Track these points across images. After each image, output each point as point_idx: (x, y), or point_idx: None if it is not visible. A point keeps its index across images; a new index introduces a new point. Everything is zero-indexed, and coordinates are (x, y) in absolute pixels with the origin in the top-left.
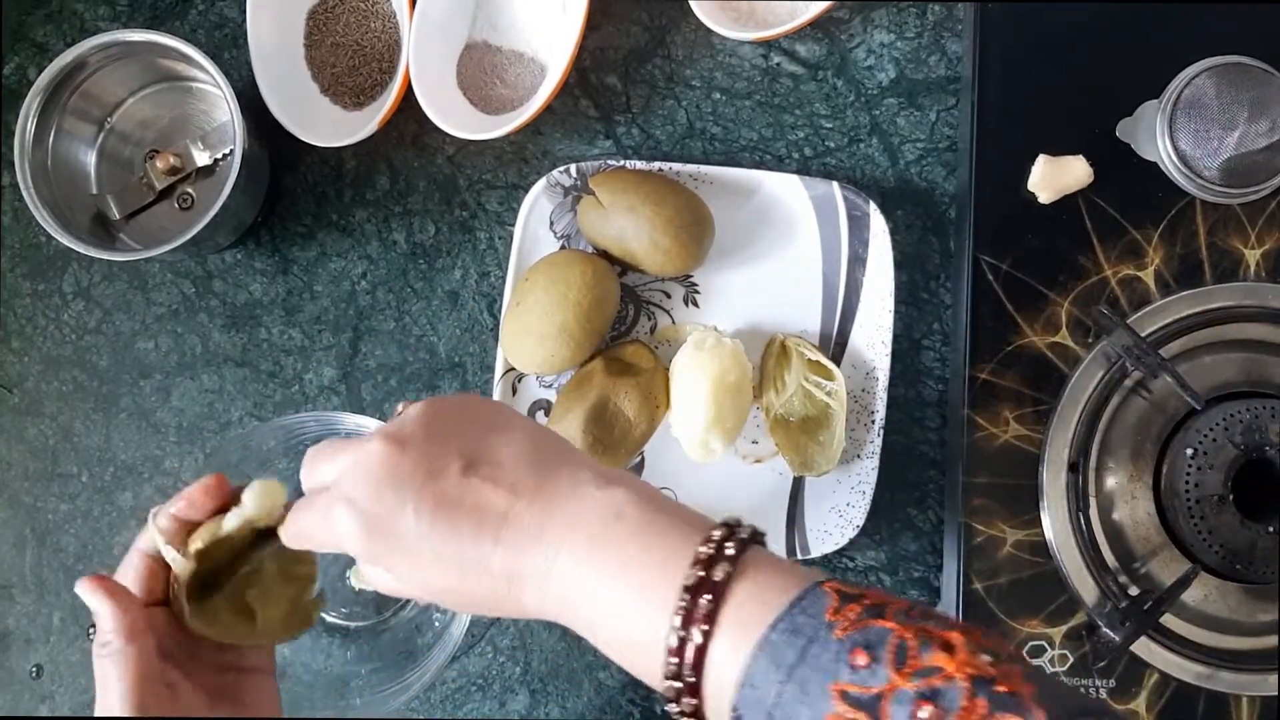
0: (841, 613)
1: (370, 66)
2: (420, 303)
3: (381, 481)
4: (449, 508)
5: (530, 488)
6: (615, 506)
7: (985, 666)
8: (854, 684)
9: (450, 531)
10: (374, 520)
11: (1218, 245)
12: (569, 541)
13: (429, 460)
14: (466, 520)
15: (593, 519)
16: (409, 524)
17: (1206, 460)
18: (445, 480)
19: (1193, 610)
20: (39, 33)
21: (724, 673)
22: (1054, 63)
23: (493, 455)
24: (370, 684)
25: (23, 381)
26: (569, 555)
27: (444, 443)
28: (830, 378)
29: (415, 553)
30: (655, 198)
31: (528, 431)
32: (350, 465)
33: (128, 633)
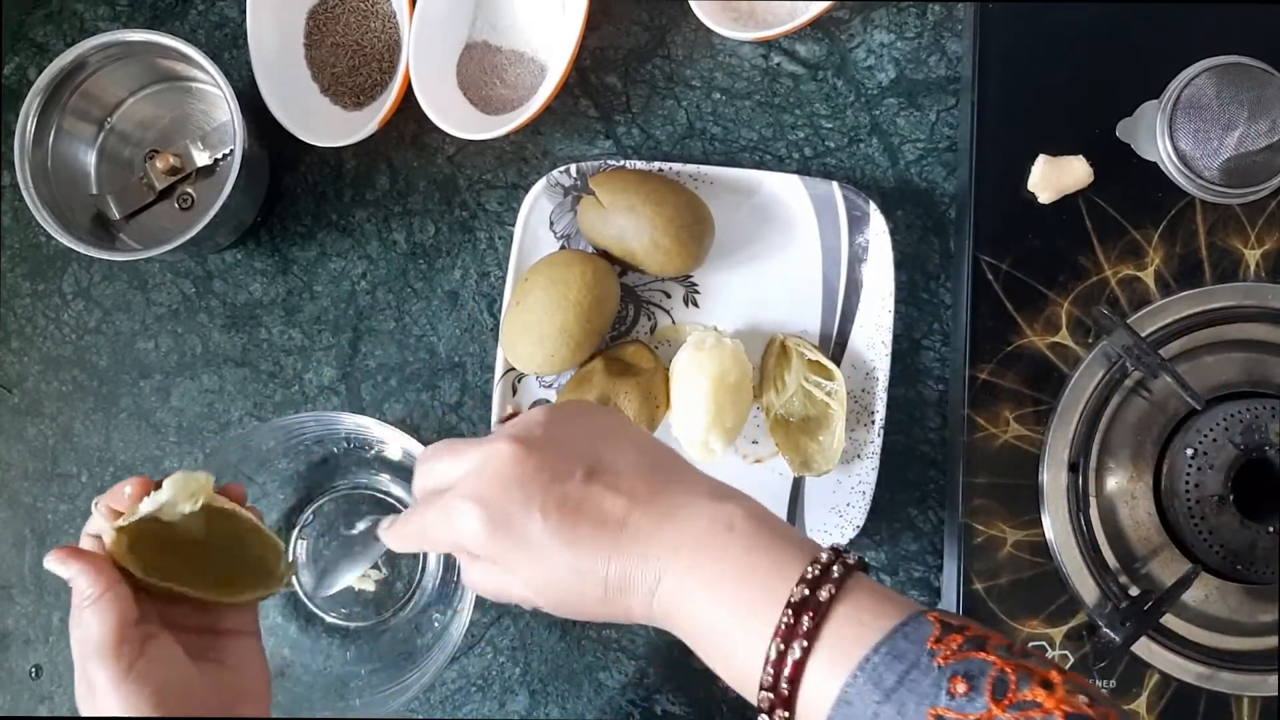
0: (943, 641)
1: (370, 66)
2: (420, 303)
3: (510, 480)
4: (573, 511)
5: (646, 496)
6: (727, 519)
7: (1082, 706)
8: (951, 710)
9: (572, 534)
10: (501, 517)
11: (1218, 245)
12: (681, 551)
13: (555, 463)
14: (588, 524)
15: (704, 529)
16: (535, 524)
17: (1206, 460)
18: (569, 484)
19: (1193, 610)
20: (39, 33)
21: (820, 690)
22: (1054, 63)
23: (613, 463)
24: (370, 684)
25: (23, 381)
26: (679, 564)
27: (568, 448)
28: (830, 378)
29: (536, 553)
30: (655, 198)
31: (645, 441)
32: (478, 463)
33: (105, 583)
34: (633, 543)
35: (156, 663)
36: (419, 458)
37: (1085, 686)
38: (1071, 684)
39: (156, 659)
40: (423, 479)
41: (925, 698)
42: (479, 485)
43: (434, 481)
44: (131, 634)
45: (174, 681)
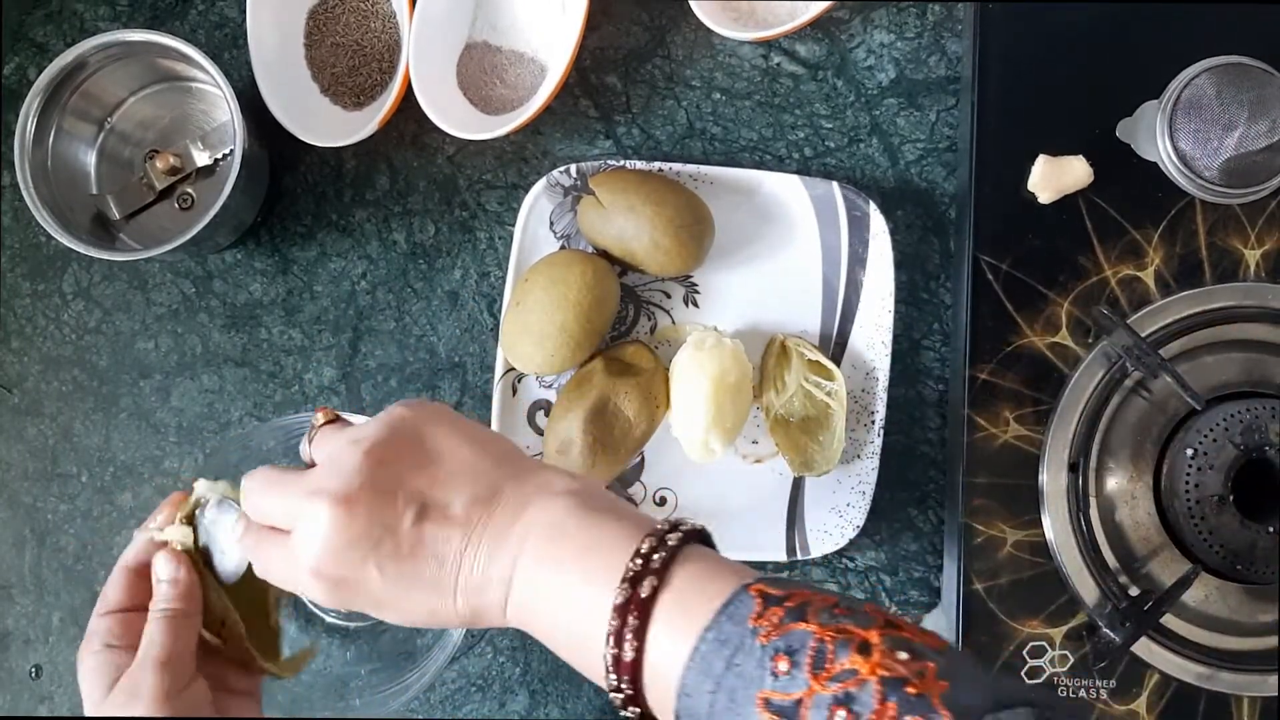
0: (764, 617)
1: (370, 66)
2: (420, 303)
3: (338, 547)
4: (409, 560)
5: (481, 519)
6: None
7: (898, 667)
8: (776, 691)
9: (415, 578)
10: (340, 583)
11: (1218, 245)
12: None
13: (380, 516)
14: (427, 566)
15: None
16: (374, 580)
17: (1206, 460)
18: (400, 533)
19: (1193, 611)
20: (39, 33)
21: (665, 681)
22: (1054, 63)
23: (440, 495)
24: (370, 684)
25: (23, 381)
26: (521, 571)
27: (390, 493)
28: (830, 378)
29: (385, 600)
30: (655, 198)
31: (469, 446)
32: (305, 535)
33: (195, 605)
34: (474, 562)
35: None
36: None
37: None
38: (891, 639)
39: (199, 694)
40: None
41: (752, 682)
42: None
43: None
44: (192, 662)
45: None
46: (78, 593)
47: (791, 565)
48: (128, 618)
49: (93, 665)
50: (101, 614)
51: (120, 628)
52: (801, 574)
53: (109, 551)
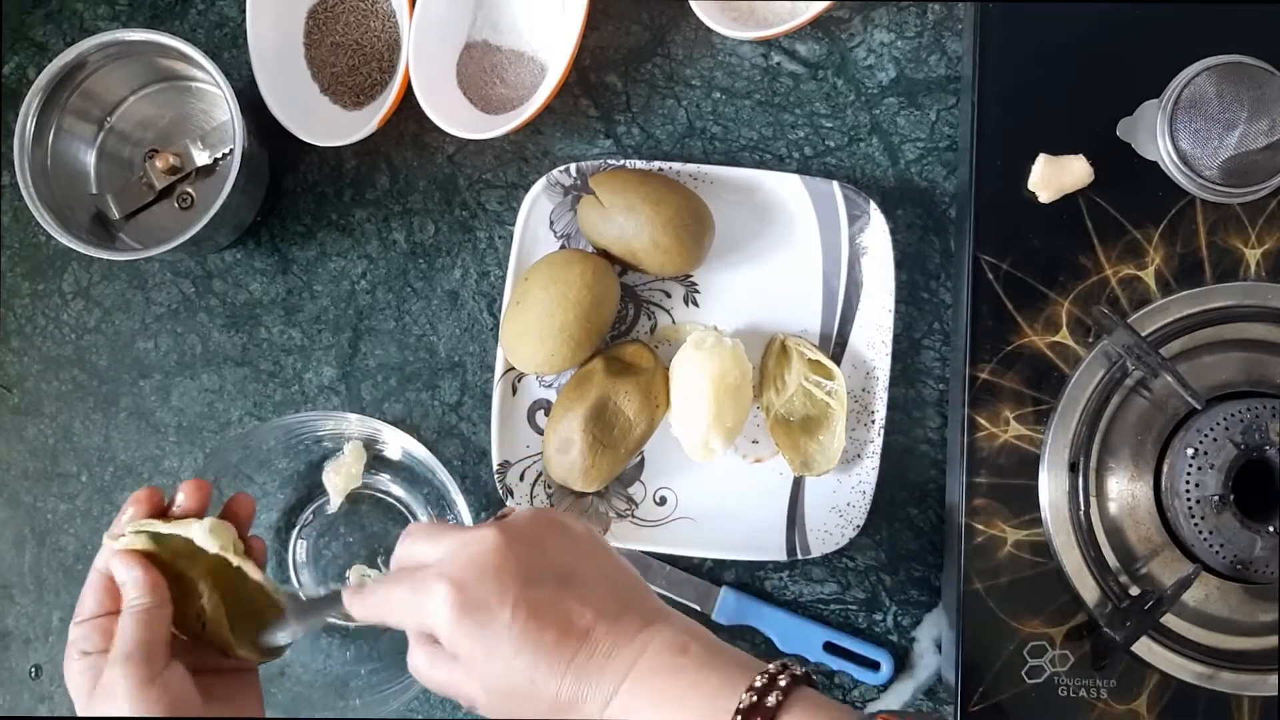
0: None
1: (370, 66)
2: (420, 302)
3: (488, 570)
4: (542, 614)
5: (612, 614)
6: (682, 644)
7: None
8: None
9: (538, 638)
10: (472, 603)
11: (1218, 245)
12: (636, 670)
13: (534, 564)
14: (554, 632)
15: (659, 651)
16: (504, 618)
17: (1207, 460)
18: (544, 588)
19: (1193, 610)
20: (39, 32)
21: None
22: (1054, 63)
23: (585, 577)
24: (370, 684)
25: (22, 381)
26: (631, 682)
27: (548, 554)
28: (830, 377)
29: (495, 647)
30: (655, 197)
31: (614, 562)
32: (459, 547)
33: (159, 598)
34: (590, 658)
35: (174, 681)
36: (403, 533)
37: None
38: None
39: (175, 678)
40: (402, 556)
41: None
42: (456, 568)
43: (413, 559)
44: (163, 650)
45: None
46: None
47: (791, 565)
48: (101, 623)
49: (75, 671)
50: (77, 622)
51: (95, 633)
52: (802, 573)
53: None
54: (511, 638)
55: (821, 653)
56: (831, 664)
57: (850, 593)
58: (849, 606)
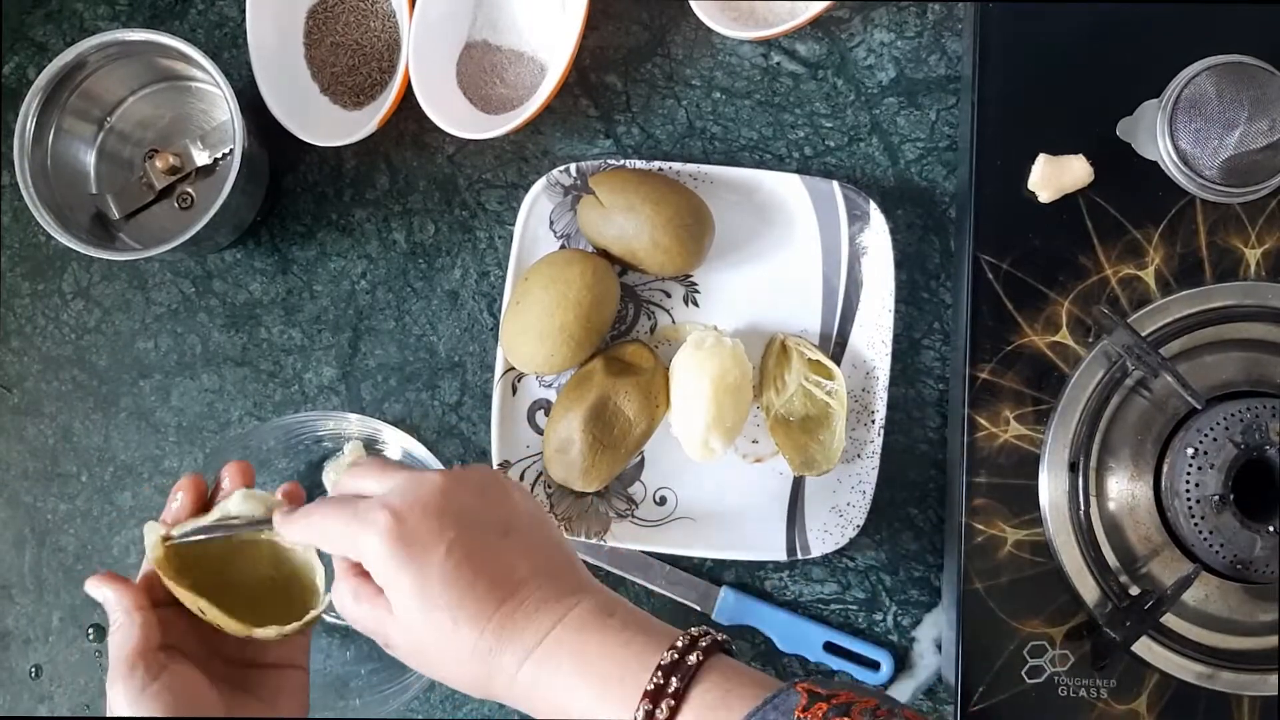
0: (810, 710)
1: (370, 66)
2: (420, 302)
3: (431, 508)
4: (476, 559)
5: (545, 572)
6: (609, 607)
7: None
8: None
9: (470, 579)
10: (409, 535)
11: (1218, 244)
12: (561, 624)
13: (476, 513)
14: (485, 578)
15: (587, 611)
16: (438, 556)
17: (1207, 460)
18: (485, 534)
19: (1193, 610)
20: (39, 32)
21: None
22: (1054, 63)
23: (524, 535)
24: (370, 684)
25: (22, 381)
26: (554, 637)
27: (493, 504)
28: (830, 377)
29: (425, 584)
30: (655, 197)
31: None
32: (404, 483)
33: (128, 608)
34: (517, 608)
35: (172, 687)
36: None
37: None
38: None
39: (173, 684)
40: (345, 485)
41: None
42: (399, 501)
43: (356, 490)
44: (151, 658)
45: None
46: (78, 593)
47: (791, 565)
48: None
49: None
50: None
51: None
52: (802, 573)
53: (109, 551)
54: (442, 575)
55: (821, 653)
56: (832, 664)
57: (850, 593)
58: (849, 606)
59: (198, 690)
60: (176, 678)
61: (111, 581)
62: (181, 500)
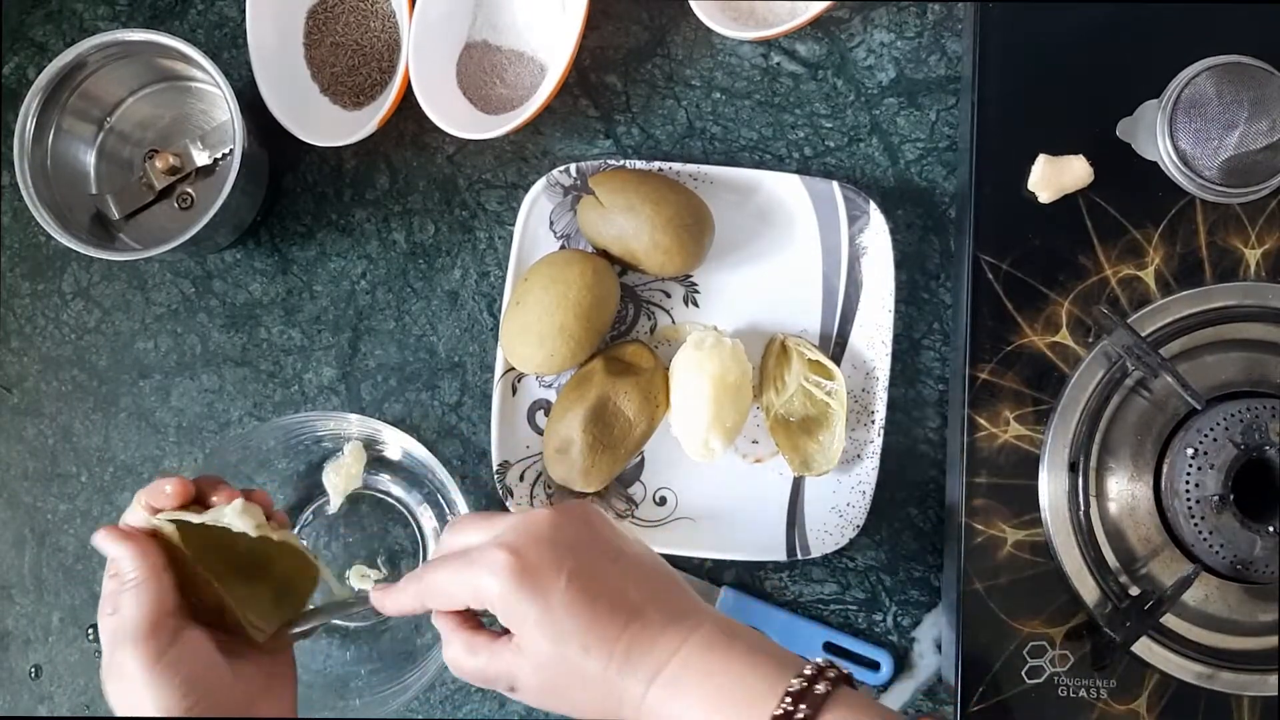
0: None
1: (370, 66)
2: (420, 302)
3: (544, 540)
4: (596, 586)
5: (661, 596)
6: (730, 629)
7: None
8: None
9: (590, 607)
10: (529, 569)
11: (1218, 245)
12: (686, 644)
13: (587, 541)
14: (606, 604)
15: (708, 633)
16: (559, 586)
17: (1207, 460)
18: (599, 561)
19: (1193, 610)
20: (39, 32)
21: None
22: (1054, 63)
23: (635, 560)
24: (370, 684)
25: (22, 381)
26: (682, 658)
27: (601, 534)
28: (830, 377)
29: (548, 616)
30: (655, 197)
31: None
32: (514, 523)
33: (150, 568)
34: (643, 629)
35: (188, 654)
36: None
37: None
38: None
39: (188, 650)
40: (450, 542)
41: None
42: (514, 538)
43: (462, 544)
44: (168, 623)
45: (204, 674)
46: (78, 593)
47: (791, 565)
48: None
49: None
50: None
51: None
52: (802, 573)
53: None
54: (566, 603)
55: (821, 653)
56: None
57: (850, 593)
58: (849, 606)
59: (209, 657)
60: (189, 645)
61: (130, 538)
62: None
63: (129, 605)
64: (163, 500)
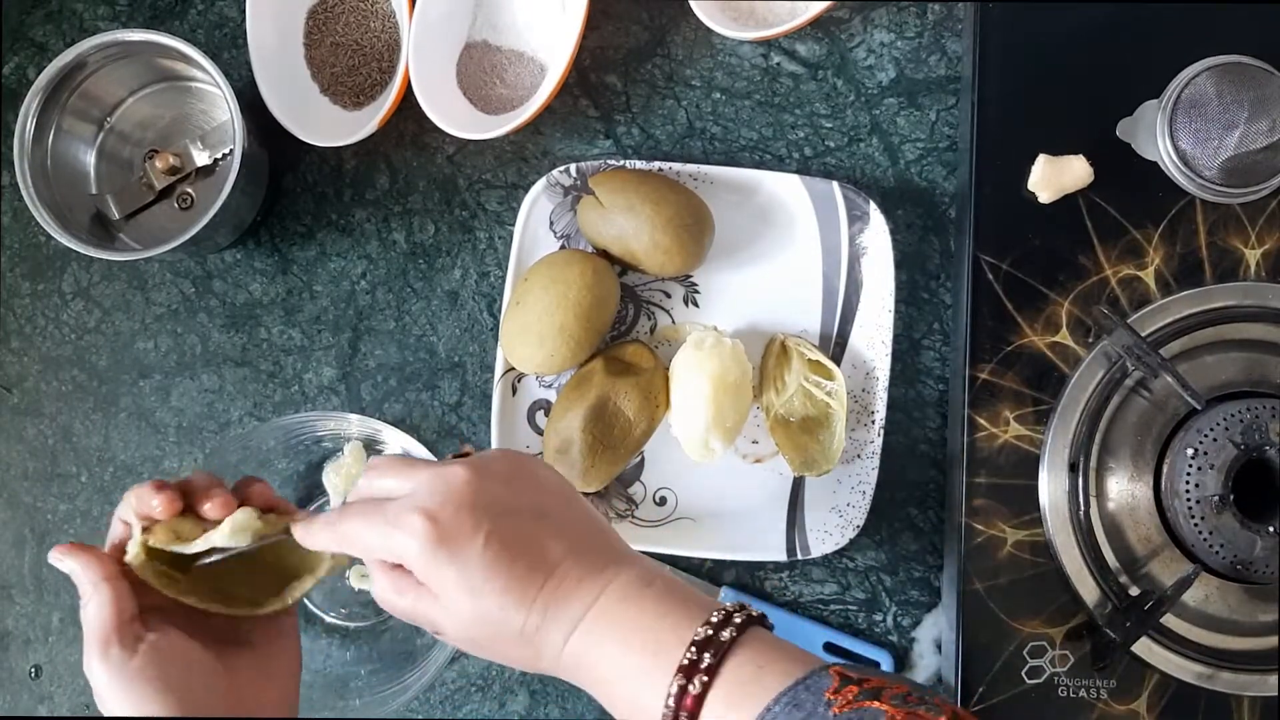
0: (841, 692)
1: (370, 66)
2: (420, 302)
3: (462, 503)
4: (514, 545)
5: (581, 549)
6: (646, 578)
7: None
8: None
9: (509, 566)
10: (446, 535)
11: (1218, 245)
12: (601, 601)
13: (506, 500)
14: (524, 563)
15: (625, 584)
16: (476, 548)
17: (1207, 460)
18: (519, 520)
19: (1193, 610)
20: (39, 32)
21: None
22: (1054, 62)
23: (556, 514)
24: (370, 684)
25: (22, 381)
26: (596, 612)
27: (522, 490)
28: (830, 378)
29: (467, 577)
30: (655, 197)
31: (585, 506)
32: (430, 480)
33: (95, 579)
34: (558, 586)
35: (157, 658)
36: (366, 467)
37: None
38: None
39: (157, 655)
40: (366, 488)
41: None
42: (430, 501)
43: (380, 492)
44: (124, 630)
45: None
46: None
47: (791, 565)
48: None
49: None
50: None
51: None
52: (802, 573)
53: None
54: (483, 566)
55: (821, 653)
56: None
57: (850, 593)
58: (849, 607)
59: (186, 655)
60: (158, 648)
61: (77, 552)
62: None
63: (88, 618)
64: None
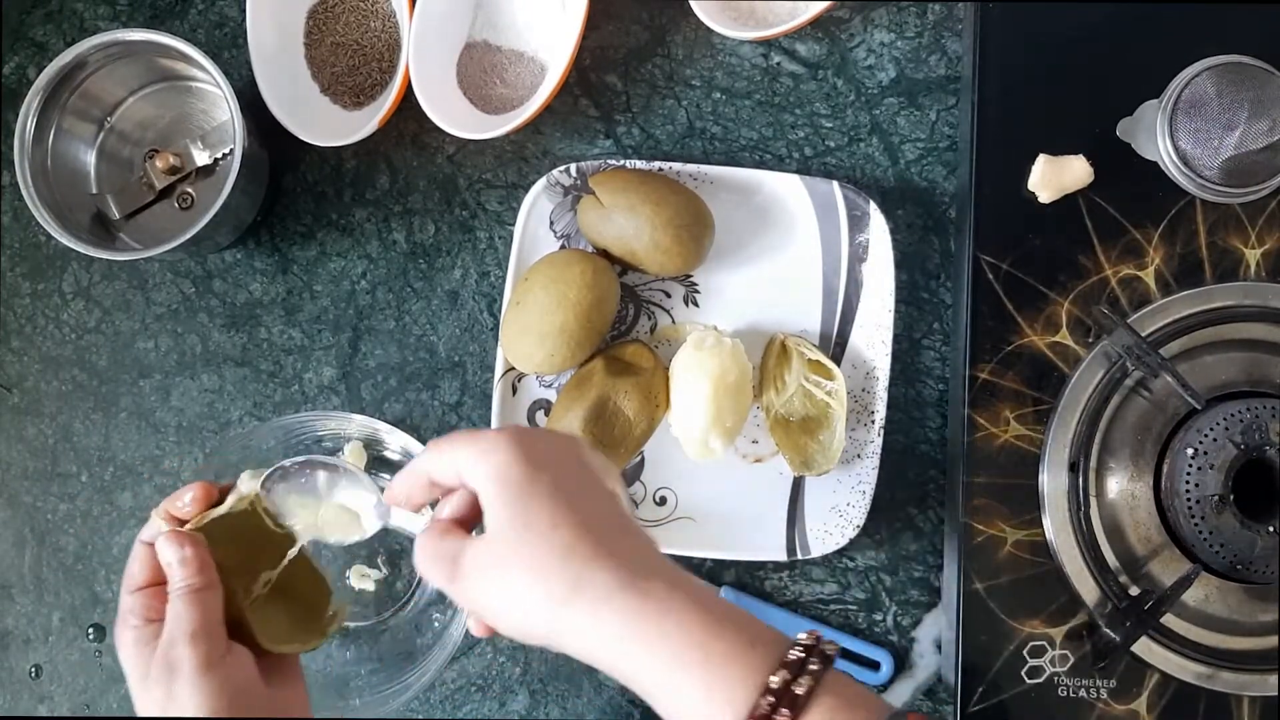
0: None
1: (370, 66)
2: (420, 302)
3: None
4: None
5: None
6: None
7: None
8: None
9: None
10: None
11: (1218, 245)
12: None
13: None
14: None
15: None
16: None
17: (1207, 460)
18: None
19: (1193, 610)
20: (39, 32)
21: None
22: (1054, 63)
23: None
24: (370, 684)
25: (22, 381)
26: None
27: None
28: (830, 377)
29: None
30: (655, 197)
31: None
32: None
33: (209, 579)
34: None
35: (238, 665)
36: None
37: None
38: None
39: (238, 662)
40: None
41: None
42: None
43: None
44: (221, 631)
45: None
46: (78, 593)
47: (791, 565)
48: (158, 591)
49: (129, 641)
50: (131, 591)
51: (154, 600)
52: (801, 573)
53: (109, 551)
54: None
55: None
56: None
57: (850, 593)
58: (849, 606)
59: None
60: (239, 657)
61: (194, 543)
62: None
63: (189, 607)
64: (184, 510)
